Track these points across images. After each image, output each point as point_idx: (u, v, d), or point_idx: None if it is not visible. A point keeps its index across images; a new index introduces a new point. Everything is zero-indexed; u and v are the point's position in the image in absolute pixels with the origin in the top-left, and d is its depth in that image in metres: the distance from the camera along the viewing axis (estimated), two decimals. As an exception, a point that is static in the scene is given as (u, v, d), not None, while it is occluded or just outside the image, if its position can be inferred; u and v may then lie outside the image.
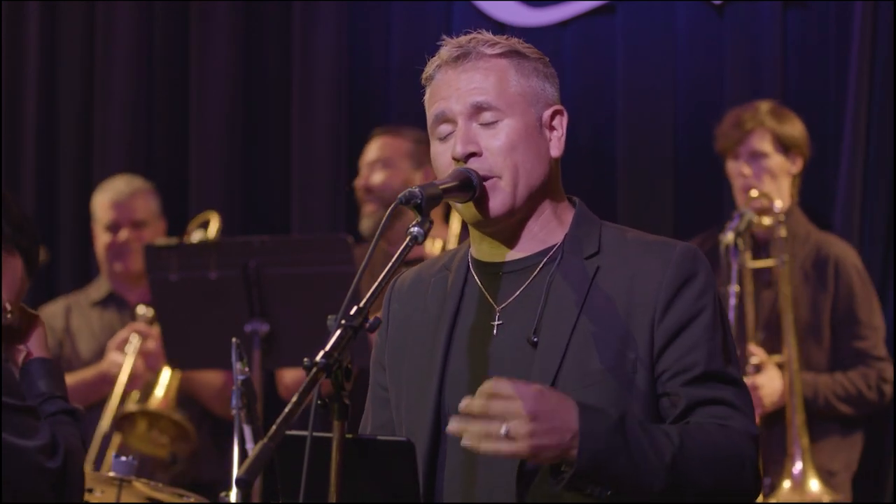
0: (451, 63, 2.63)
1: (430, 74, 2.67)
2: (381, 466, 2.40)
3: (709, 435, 2.49)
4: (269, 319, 4.77)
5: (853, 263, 5.04)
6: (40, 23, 6.45)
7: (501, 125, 2.60)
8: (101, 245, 5.60)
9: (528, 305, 2.60)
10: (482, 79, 2.61)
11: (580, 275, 2.59)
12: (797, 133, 5.15)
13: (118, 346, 5.37)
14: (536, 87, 2.66)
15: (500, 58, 2.63)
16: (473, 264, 2.69)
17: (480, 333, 2.62)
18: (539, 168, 2.62)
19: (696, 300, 2.56)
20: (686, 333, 2.55)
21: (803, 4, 5.68)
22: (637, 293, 2.57)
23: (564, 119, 2.68)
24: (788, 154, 5.14)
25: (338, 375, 2.30)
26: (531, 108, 2.63)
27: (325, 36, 6.18)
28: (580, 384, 2.52)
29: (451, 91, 2.61)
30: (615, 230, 2.67)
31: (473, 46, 2.63)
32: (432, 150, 2.66)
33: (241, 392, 3.52)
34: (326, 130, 6.18)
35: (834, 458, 5.00)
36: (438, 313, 2.67)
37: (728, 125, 5.20)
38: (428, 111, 2.67)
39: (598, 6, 5.88)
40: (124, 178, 5.69)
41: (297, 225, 6.15)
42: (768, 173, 5.11)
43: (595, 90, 5.92)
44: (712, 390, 2.54)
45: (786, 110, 5.21)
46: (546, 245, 2.64)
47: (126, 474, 3.74)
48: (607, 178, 5.80)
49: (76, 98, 6.45)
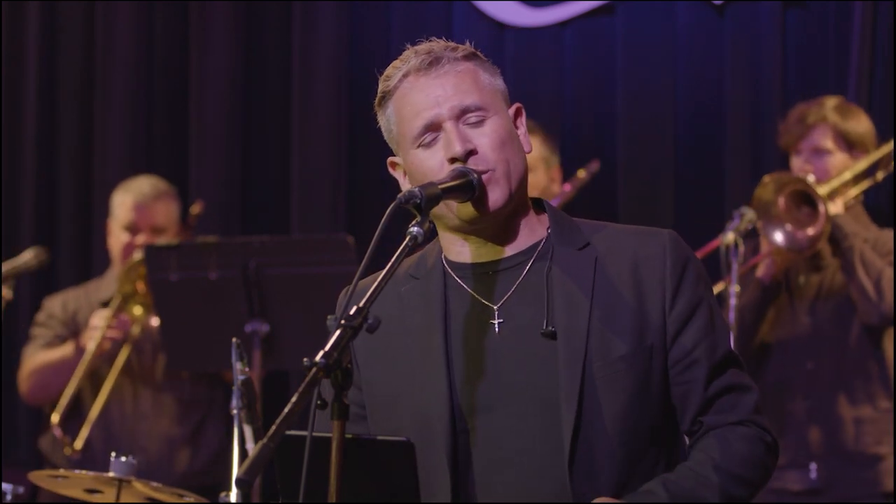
0: (422, 71, 2.63)
1: (390, 87, 2.66)
2: (380, 466, 2.40)
3: (734, 447, 2.61)
4: (269, 319, 4.77)
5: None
6: (40, 23, 6.45)
7: (487, 123, 2.63)
8: (118, 244, 5.56)
9: (529, 300, 2.62)
10: (460, 82, 2.63)
11: (580, 264, 2.62)
12: (862, 130, 5.03)
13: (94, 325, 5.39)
14: (500, 86, 2.70)
15: (467, 60, 2.67)
16: (453, 267, 2.69)
17: (480, 333, 2.62)
18: (522, 163, 2.67)
19: (696, 285, 2.64)
20: (693, 322, 2.62)
21: (803, 4, 5.68)
22: (643, 279, 2.62)
23: (524, 116, 2.73)
24: (853, 151, 5.04)
25: (337, 376, 2.31)
26: (503, 105, 2.68)
27: (325, 36, 6.18)
28: (606, 371, 2.57)
29: (432, 98, 2.62)
30: (590, 225, 2.71)
31: (441, 52, 2.65)
32: (412, 158, 2.65)
33: (241, 392, 3.52)
34: (326, 130, 6.18)
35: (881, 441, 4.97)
36: (425, 322, 2.66)
37: (792, 120, 5.08)
38: (398, 124, 2.66)
39: (598, 6, 5.88)
40: (149, 181, 5.61)
41: (297, 225, 6.15)
42: (831, 171, 5.01)
43: (595, 90, 5.92)
44: (720, 381, 2.63)
45: (852, 106, 5.09)
46: (531, 241, 2.67)
47: (126, 474, 3.74)
48: (607, 178, 5.80)
49: (76, 98, 6.45)
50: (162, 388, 5.48)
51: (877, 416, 4.94)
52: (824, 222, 4.87)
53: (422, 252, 2.76)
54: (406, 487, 2.39)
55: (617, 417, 2.56)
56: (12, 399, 6.27)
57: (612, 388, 2.56)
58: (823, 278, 5.04)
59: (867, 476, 4.93)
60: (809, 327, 5.02)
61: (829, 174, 5.01)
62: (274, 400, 5.22)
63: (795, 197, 4.95)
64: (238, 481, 2.18)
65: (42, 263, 5.73)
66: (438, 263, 2.70)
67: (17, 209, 6.42)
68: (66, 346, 5.45)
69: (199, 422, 5.50)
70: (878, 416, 4.94)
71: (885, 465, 4.93)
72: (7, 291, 5.41)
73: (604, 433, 2.55)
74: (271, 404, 4.97)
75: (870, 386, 4.96)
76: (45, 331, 5.54)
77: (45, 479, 4.06)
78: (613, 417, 2.56)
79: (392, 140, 2.71)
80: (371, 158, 6.12)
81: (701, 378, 2.61)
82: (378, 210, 2.59)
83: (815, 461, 4.95)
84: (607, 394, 2.56)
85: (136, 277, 5.35)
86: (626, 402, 2.57)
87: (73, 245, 6.40)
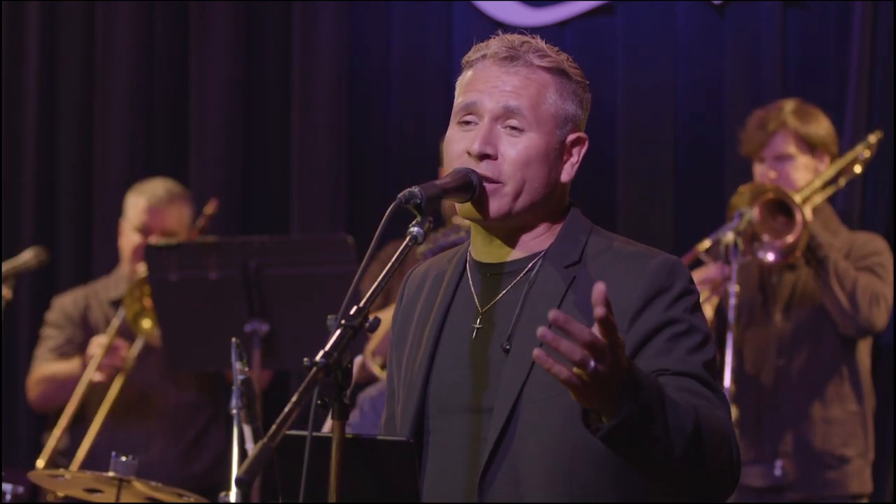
0: (497, 60, 2.62)
1: (471, 60, 2.66)
2: (380, 466, 2.40)
3: (709, 418, 2.44)
4: (269, 319, 4.77)
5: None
6: (40, 23, 6.45)
7: (524, 136, 2.59)
8: (129, 245, 5.56)
9: (506, 311, 2.60)
10: (522, 86, 2.60)
11: (556, 283, 2.58)
12: (823, 131, 5.05)
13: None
14: (570, 110, 2.66)
15: (546, 72, 2.63)
16: (470, 262, 2.70)
17: (463, 334, 2.63)
18: (544, 189, 2.61)
19: (666, 310, 2.52)
20: (653, 343, 2.51)
21: (803, 4, 5.68)
22: (615, 302, 2.48)
23: (584, 148, 2.68)
24: (814, 154, 5.07)
25: (337, 376, 2.31)
26: (557, 129, 2.63)
27: (325, 36, 6.18)
28: (548, 393, 2.50)
29: (487, 86, 2.60)
30: (602, 239, 2.65)
31: (524, 52, 2.62)
32: (449, 132, 2.65)
33: (241, 392, 3.52)
34: (326, 130, 6.18)
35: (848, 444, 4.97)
36: (430, 314, 2.68)
37: (752, 127, 5.10)
38: (458, 94, 2.65)
39: (598, 6, 5.88)
40: (163, 184, 5.60)
41: (297, 225, 6.15)
42: (795, 176, 5.03)
43: (595, 90, 5.89)
44: (681, 384, 2.47)
45: (810, 108, 5.10)
46: (533, 251, 2.64)
47: (126, 474, 3.74)
48: (607, 178, 5.80)
49: (76, 98, 6.45)
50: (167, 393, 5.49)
51: (844, 418, 4.96)
52: (801, 230, 4.88)
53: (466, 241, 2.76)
54: (406, 487, 2.39)
55: (546, 441, 2.49)
56: (12, 399, 6.28)
57: (546, 412, 2.48)
58: (797, 278, 5.04)
59: (833, 477, 4.94)
60: (783, 327, 5.02)
61: (793, 179, 5.04)
62: (274, 400, 5.23)
63: (770, 206, 4.96)
64: (238, 481, 2.17)
65: (42, 263, 5.73)
66: (463, 257, 2.71)
67: (17, 209, 6.42)
68: (73, 362, 5.46)
69: (203, 427, 5.51)
70: (845, 418, 4.96)
71: (850, 467, 4.94)
72: (7, 291, 5.41)
73: (528, 454, 2.50)
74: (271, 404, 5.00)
75: (840, 388, 4.98)
76: (58, 332, 5.54)
77: (45, 479, 4.06)
78: (542, 440, 2.50)
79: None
80: (371, 158, 6.12)
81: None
82: (378, 210, 2.59)
83: (781, 458, 4.96)
84: (540, 418, 2.50)
85: (142, 295, 5.36)
86: (558, 427, 2.49)
87: (73, 245, 6.40)
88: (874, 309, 4.89)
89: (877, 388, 5.17)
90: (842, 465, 4.94)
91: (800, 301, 5.03)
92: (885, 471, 5.27)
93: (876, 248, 5.01)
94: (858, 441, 4.96)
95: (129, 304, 5.36)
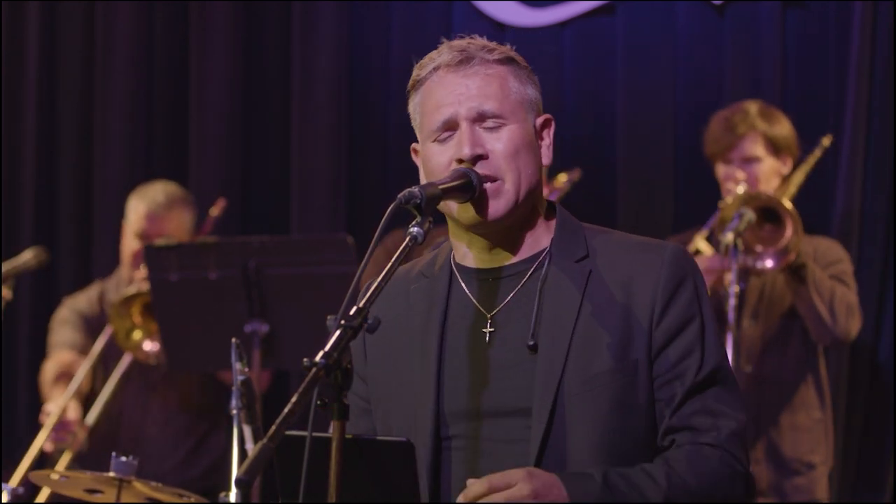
0: (452, 67, 2.64)
1: (421, 77, 2.69)
2: (380, 466, 2.40)
3: (694, 464, 2.53)
4: (269, 319, 4.77)
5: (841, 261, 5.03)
6: (40, 23, 6.45)
7: (504, 130, 2.62)
8: (129, 249, 5.56)
9: (520, 311, 2.61)
10: (485, 85, 2.63)
11: (573, 278, 2.61)
12: (787, 133, 5.09)
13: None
14: (531, 94, 2.68)
15: (500, 64, 2.66)
16: (459, 270, 2.69)
17: (472, 341, 2.63)
18: (536, 174, 2.66)
19: (691, 303, 2.59)
20: (682, 337, 2.58)
21: (803, 4, 5.68)
22: (634, 294, 2.59)
23: (552, 128, 2.71)
24: (779, 155, 5.10)
25: (337, 376, 2.31)
26: (528, 115, 2.66)
27: (325, 36, 6.18)
28: (584, 388, 2.54)
29: (454, 96, 2.63)
30: (598, 233, 2.69)
31: (475, 51, 2.65)
32: (427, 150, 2.67)
33: (241, 392, 3.52)
34: (326, 130, 6.18)
35: (814, 451, 4.98)
36: (424, 323, 2.67)
37: (718, 130, 5.11)
38: (423, 115, 2.68)
39: (598, 6, 5.88)
40: (164, 189, 5.58)
41: (297, 225, 6.16)
42: (761, 177, 5.06)
43: (595, 90, 5.92)
44: (699, 399, 2.57)
45: (774, 110, 5.14)
46: (535, 251, 2.66)
47: (126, 474, 3.74)
48: (607, 178, 5.80)
49: (76, 98, 6.45)
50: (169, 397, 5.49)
51: (810, 425, 4.98)
52: (795, 233, 4.89)
53: (437, 250, 2.76)
54: (406, 487, 2.39)
55: (592, 434, 2.53)
56: (12, 399, 6.28)
57: (587, 405, 2.53)
58: (764, 283, 5.05)
59: (801, 483, 4.95)
60: (751, 333, 5.02)
61: (759, 181, 5.06)
62: (274, 400, 5.23)
63: (758, 214, 4.97)
64: (238, 481, 2.18)
65: (42, 263, 5.73)
66: (447, 265, 2.71)
67: (17, 209, 6.42)
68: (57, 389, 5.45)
69: (206, 430, 5.51)
70: (811, 425, 4.99)
71: (817, 473, 4.96)
72: (7, 291, 5.41)
73: (577, 449, 2.53)
74: (271, 404, 5.00)
75: (806, 395, 4.99)
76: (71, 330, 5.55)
77: (45, 479, 4.06)
78: (588, 434, 2.53)
79: (416, 128, 2.73)
80: (371, 158, 6.12)
81: (679, 394, 2.57)
82: (378, 210, 2.59)
83: (751, 464, 4.96)
84: (582, 411, 2.54)
85: (128, 313, 5.35)
86: (602, 418, 2.54)
87: (73, 245, 6.40)
88: (850, 320, 4.93)
89: (847, 395, 5.20)
90: (809, 472, 4.97)
91: (767, 307, 5.04)
92: (845, 478, 5.29)
93: (839, 255, 5.03)
94: (822, 448, 4.99)
95: (117, 322, 5.35)
